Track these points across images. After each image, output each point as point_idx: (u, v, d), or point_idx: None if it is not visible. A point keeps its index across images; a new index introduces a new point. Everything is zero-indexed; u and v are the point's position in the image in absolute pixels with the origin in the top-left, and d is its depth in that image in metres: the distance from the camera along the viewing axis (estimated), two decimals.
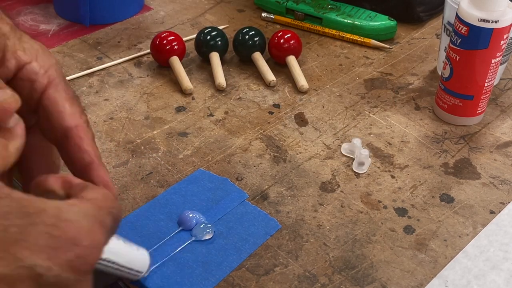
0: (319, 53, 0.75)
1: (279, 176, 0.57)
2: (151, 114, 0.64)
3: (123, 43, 0.75)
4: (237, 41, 0.71)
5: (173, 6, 0.84)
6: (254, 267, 0.48)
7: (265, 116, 0.64)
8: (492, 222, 0.53)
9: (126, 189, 0.55)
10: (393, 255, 0.50)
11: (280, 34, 0.71)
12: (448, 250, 0.50)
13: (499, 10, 0.57)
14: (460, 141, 0.62)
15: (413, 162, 0.59)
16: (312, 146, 0.61)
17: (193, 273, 0.47)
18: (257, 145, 0.60)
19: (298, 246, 0.50)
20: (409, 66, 0.73)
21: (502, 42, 0.58)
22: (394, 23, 0.77)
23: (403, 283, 0.47)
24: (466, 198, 0.55)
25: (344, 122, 0.64)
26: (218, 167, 0.58)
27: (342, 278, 0.48)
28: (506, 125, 0.64)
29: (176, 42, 0.70)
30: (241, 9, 0.84)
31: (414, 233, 0.52)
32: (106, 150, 0.59)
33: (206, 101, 0.66)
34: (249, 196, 0.55)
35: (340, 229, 0.52)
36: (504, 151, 0.61)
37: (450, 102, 0.63)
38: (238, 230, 0.51)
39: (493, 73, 0.60)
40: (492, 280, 0.48)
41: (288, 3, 0.80)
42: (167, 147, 0.60)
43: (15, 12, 0.82)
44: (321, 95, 0.68)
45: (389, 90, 0.69)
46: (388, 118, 0.65)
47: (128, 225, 0.51)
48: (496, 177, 0.58)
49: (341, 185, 0.56)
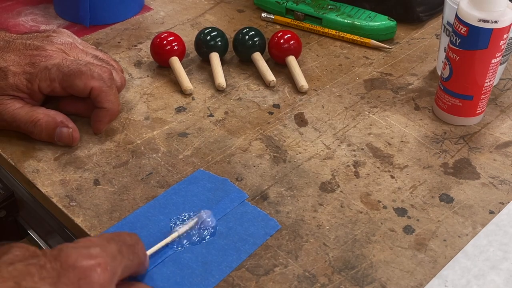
0: (319, 53, 0.75)
1: (279, 176, 0.57)
2: (151, 115, 0.64)
3: (123, 44, 0.76)
4: (237, 41, 0.72)
5: (173, 7, 0.84)
6: (254, 267, 0.48)
7: (265, 116, 0.64)
8: (491, 222, 0.53)
9: (126, 189, 0.55)
10: (393, 255, 0.50)
11: (280, 34, 0.71)
12: (447, 250, 0.50)
13: (499, 10, 0.57)
14: (460, 141, 0.62)
15: (413, 162, 0.59)
16: (312, 146, 0.61)
17: (193, 273, 0.47)
18: (257, 146, 0.60)
19: (298, 246, 0.50)
20: (409, 66, 0.73)
21: (501, 42, 0.58)
22: (394, 23, 0.77)
23: (402, 283, 0.47)
24: (465, 198, 0.55)
25: (344, 122, 0.64)
26: (218, 167, 0.58)
27: (342, 278, 0.48)
28: (505, 125, 0.64)
29: (176, 42, 0.70)
30: (241, 9, 0.84)
31: (414, 233, 0.52)
32: (106, 151, 0.59)
33: (206, 101, 0.66)
34: (249, 196, 0.55)
35: (339, 229, 0.52)
36: (504, 151, 0.61)
37: (449, 102, 0.63)
38: (238, 230, 0.51)
39: (492, 73, 0.61)
40: (491, 280, 0.48)
41: (288, 3, 0.81)
42: (167, 148, 0.60)
43: (15, 12, 0.82)
44: (321, 95, 0.68)
45: (389, 90, 0.69)
46: (388, 118, 0.65)
47: (128, 226, 0.51)
48: (496, 177, 0.58)
49: (340, 185, 0.56)
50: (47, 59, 0.57)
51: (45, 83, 0.57)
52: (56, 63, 0.57)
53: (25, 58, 0.57)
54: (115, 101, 0.59)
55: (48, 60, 0.57)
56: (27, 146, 0.59)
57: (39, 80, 0.57)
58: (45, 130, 0.58)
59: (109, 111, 0.59)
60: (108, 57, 0.64)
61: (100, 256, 0.39)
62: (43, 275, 0.37)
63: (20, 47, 0.58)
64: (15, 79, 0.57)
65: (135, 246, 0.43)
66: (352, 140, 0.62)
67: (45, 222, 0.59)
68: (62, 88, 0.58)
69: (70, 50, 0.61)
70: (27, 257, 0.38)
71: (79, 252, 0.39)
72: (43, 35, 0.61)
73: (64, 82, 0.57)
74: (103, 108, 0.58)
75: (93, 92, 0.57)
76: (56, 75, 0.57)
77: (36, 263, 0.37)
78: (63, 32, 0.63)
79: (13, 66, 0.57)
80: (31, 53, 0.58)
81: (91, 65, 0.58)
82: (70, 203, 0.53)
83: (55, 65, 0.57)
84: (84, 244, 0.40)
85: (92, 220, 0.52)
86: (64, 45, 0.60)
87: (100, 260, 0.39)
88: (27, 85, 0.57)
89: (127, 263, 0.41)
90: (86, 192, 0.54)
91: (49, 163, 0.57)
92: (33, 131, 0.58)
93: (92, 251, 0.39)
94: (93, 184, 0.55)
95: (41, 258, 0.38)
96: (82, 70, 0.57)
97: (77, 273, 0.37)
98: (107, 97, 0.58)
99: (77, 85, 0.57)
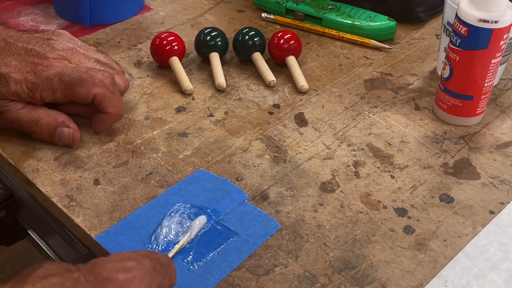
0: (319, 53, 0.75)
1: (279, 176, 0.57)
2: (151, 115, 0.64)
3: (123, 44, 0.76)
4: (237, 41, 0.72)
5: (173, 6, 0.84)
6: (254, 267, 0.48)
7: (265, 117, 0.64)
8: (491, 222, 0.53)
9: (126, 189, 0.55)
10: (393, 255, 0.50)
11: (280, 34, 0.71)
12: (447, 250, 0.50)
13: (499, 11, 0.57)
14: (460, 141, 0.62)
15: (413, 162, 0.59)
16: (312, 146, 0.61)
17: (193, 273, 0.47)
18: (257, 146, 0.60)
19: (298, 246, 0.50)
20: (409, 66, 0.73)
21: (501, 42, 0.58)
22: (394, 23, 0.77)
23: (402, 283, 0.47)
24: (465, 198, 0.55)
25: (344, 123, 0.64)
26: (218, 167, 0.58)
27: (342, 278, 0.48)
28: (505, 125, 0.64)
29: (176, 42, 0.70)
30: (241, 9, 0.84)
31: (414, 233, 0.52)
32: (106, 151, 0.59)
33: (206, 101, 0.66)
34: (249, 196, 0.55)
35: (340, 229, 0.52)
36: (504, 151, 0.61)
37: (449, 102, 0.63)
38: (238, 230, 0.51)
39: (492, 73, 0.61)
40: (491, 280, 0.48)
41: (288, 4, 0.80)
42: (167, 148, 0.60)
43: (15, 12, 0.82)
44: (321, 95, 0.68)
45: (389, 90, 0.69)
46: (388, 118, 0.65)
47: (128, 225, 0.51)
48: (496, 177, 0.58)
49: (341, 185, 0.56)
50: (49, 69, 0.57)
51: (47, 93, 0.57)
52: (57, 72, 0.57)
53: (27, 65, 0.57)
54: (118, 106, 0.59)
55: (49, 70, 0.57)
56: (27, 146, 0.59)
57: (41, 90, 0.57)
58: (46, 129, 0.58)
59: (113, 115, 0.59)
60: (109, 59, 0.64)
61: (135, 269, 0.39)
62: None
63: (21, 52, 0.58)
64: (16, 87, 0.56)
65: (169, 267, 0.42)
66: (352, 140, 0.62)
67: (45, 222, 0.59)
68: (64, 97, 0.58)
69: (71, 56, 0.60)
70: (61, 271, 0.37)
71: (114, 266, 0.38)
72: (43, 37, 0.60)
73: (66, 91, 0.57)
74: (107, 113, 0.59)
75: (96, 98, 0.57)
76: (58, 85, 0.57)
77: (70, 276, 0.37)
78: (63, 35, 0.62)
79: (15, 73, 0.57)
80: (33, 60, 0.58)
81: (92, 71, 0.58)
82: (70, 203, 0.53)
83: (56, 75, 0.57)
84: (118, 258, 0.39)
85: (92, 220, 0.52)
86: (65, 51, 0.60)
87: (136, 273, 0.38)
88: (29, 93, 0.57)
89: (160, 281, 0.40)
90: (86, 192, 0.54)
91: (49, 163, 0.57)
92: (34, 130, 0.58)
93: (127, 264, 0.39)
94: (93, 184, 0.55)
95: (75, 272, 0.37)
96: (83, 77, 0.57)
97: (113, 285, 0.37)
98: (110, 103, 0.58)
99: (80, 93, 0.57)
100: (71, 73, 0.57)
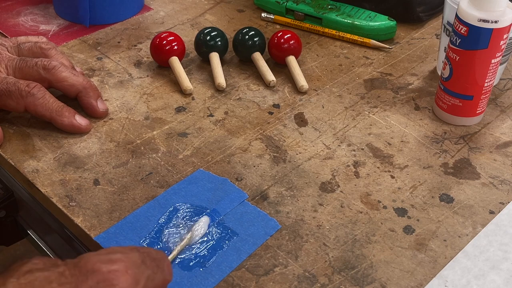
0: (319, 53, 0.75)
1: (279, 176, 0.57)
2: (151, 115, 0.64)
3: (123, 44, 0.76)
4: (237, 41, 0.72)
5: (173, 6, 0.84)
6: (254, 267, 0.48)
7: (265, 116, 0.64)
8: (491, 222, 0.53)
9: (126, 189, 0.55)
10: (393, 255, 0.50)
11: (280, 34, 0.71)
12: (447, 250, 0.50)
13: (499, 10, 0.57)
14: (460, 141, 0.62)
15: (413, 162, 0.59)
16: (312, 146, 0.61)
17: (192, 273, 0.47)
18: (257, 145, 0.60)
19: (298, 246, 0.50)
20: (409, 66, 0.73)
21: (501, 42, 0.58)
22: (394, 23, 0.77)
23: (402, 283, 0.47)
24: (465, 198, 0.55)
25: (344, 122, 0.64)
26: (218, 167, 0.58)
27: (342, 278, 0.48)
28: (505, 125, 0.64)
29: (176, 42, 0.70)
30: (241, 9, 0.84)
31: (414, 233, 0.52)
32: (106, 151, 0.59)
33: (206, 101, 0.66)
34: (249, 196, 0.55)
35: (339, 229, 0.52)
36: (504, 151, 0.61)
37: (449, 102, 0.63)
38: (238, 230, 0.51)
39: (492, 73, 0.60)
40: (491, 280, 0.48)
41: (288, 3, 0.80)
42: (167, 148, 0.60)
43: (15, 12, 0.82)
44: (321, 95, 0.68)
45: (389, 90, 0.69)
46: (388, 118, 0.65)
47: (128, 225, 0.51)
48: (496, 177, 0.58)
49: (340, 185, 0.56)
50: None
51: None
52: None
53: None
54: (52, 105, 0.60)
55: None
56: (27, 146, 0.59)
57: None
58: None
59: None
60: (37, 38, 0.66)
61: (120, 260, 0.38)
62: (61, 281, 0.36)
63: None
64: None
65: (161, 261, 0.42)
66: (352, 140, 0.62)
67: (45, 222, 0.59)
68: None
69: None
70: (48, 266, 0.37)
71: (99, 258, 0.38)
72: None
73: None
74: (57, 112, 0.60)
75: (30, 110, 0.60)
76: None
77: (55, 270, 0.37)
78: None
79: None
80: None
81: (18, 83, 0.59)
82: (70, 203, 0.53)
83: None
84: (105, 251, 0.39)
85: (92, 220, 0.52)
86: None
87: (121, 265, 0.38)
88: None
89: (150, 274, 0.40)
90: (86, 192, 0.54)
91: (49, 163, 0.57)
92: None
93: (113, 257, 0.39)
94: (93, 184, 0.55)
95: (61, 266, 0.37)
96: (10, 90, 0.59)
97: (96, 277, 0.37)
98: (46, 106, 0.60)
99: (10, 104, 0.59)
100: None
